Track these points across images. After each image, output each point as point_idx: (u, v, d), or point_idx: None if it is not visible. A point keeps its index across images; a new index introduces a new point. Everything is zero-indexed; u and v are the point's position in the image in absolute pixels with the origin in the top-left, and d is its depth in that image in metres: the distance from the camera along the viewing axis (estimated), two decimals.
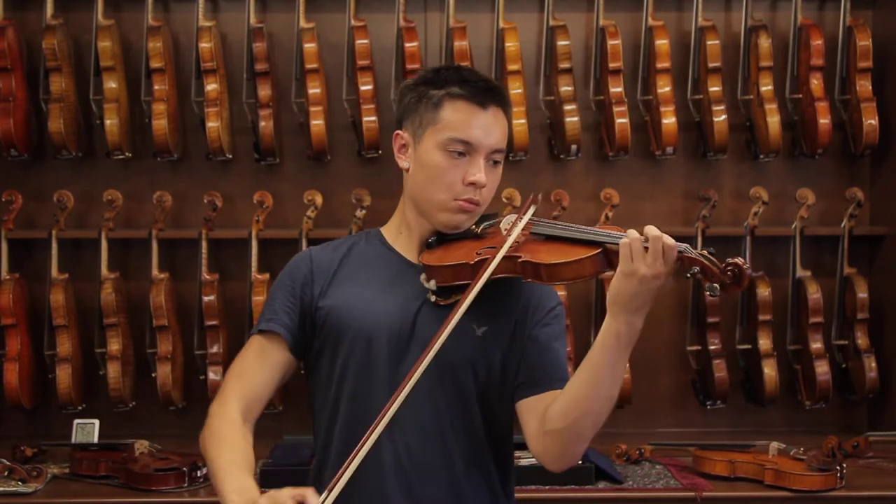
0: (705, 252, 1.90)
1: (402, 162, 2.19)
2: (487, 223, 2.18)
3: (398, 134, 2.19)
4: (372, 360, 2.12)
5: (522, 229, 2.08)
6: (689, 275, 1.90)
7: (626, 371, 3.95)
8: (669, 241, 1.89)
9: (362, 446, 1.94)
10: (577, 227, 2.06)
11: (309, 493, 1.87)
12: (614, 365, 1.97)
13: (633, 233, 1.91)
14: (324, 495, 1.89)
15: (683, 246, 1.91)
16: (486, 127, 2.11)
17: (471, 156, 2.10)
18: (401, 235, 2.22)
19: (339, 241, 2.28)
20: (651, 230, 1.90)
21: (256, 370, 2.18)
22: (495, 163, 2.14)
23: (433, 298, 2.12)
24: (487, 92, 2.13)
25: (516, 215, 2.12)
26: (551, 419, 2.04)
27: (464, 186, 2.10)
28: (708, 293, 1.92)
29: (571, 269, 1.98)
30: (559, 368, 2.13)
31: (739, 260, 1.88)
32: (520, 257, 2.02)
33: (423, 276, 2.12)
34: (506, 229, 2.11)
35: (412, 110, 2.16)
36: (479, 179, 2.09)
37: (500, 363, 2.14)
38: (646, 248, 1.89)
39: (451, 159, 2.10)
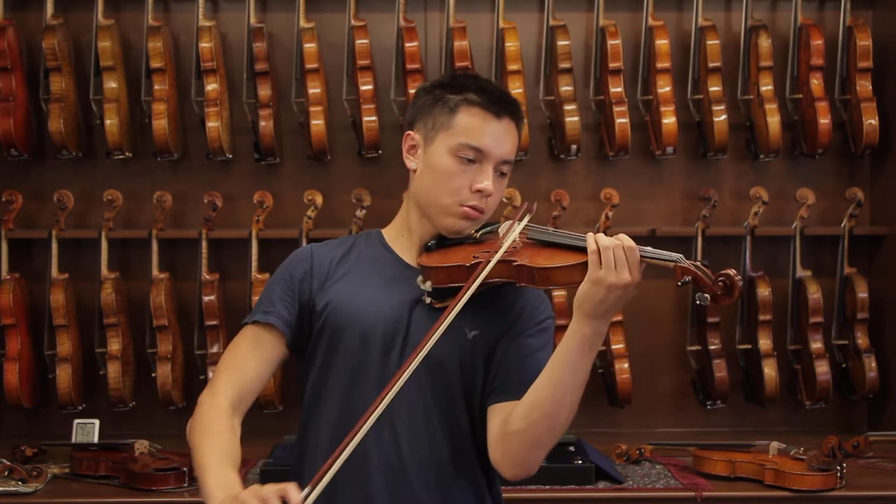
0: (699, 263, 1.90)
1: (411, 163, 2.19)
2: (486, 229, 2.18)
3: (409, 134, 2.20)
4: (364, 358, 2.13)
5: (519, 236, 2.09)
6: (680, 283, 1.89)
7: (629, 372, 4.01)
8: (630, 244, 1.90)
9: (349, 443, 1.91)
10: (572, 234, 2.05)
11: (291, 488, 1.82)
12: (577, 368, 1.96)
13: (602, 239, 1.91)
14: (307, 490, 1.87)
15: (677, 256, 1.90)
16: (499, 136, 2.14)
17: (480, 163, 2.12)
18: (401, 238, 2.23)
19: (340, 239, 2.30)
20: (621, 238, 1.91)
21: (249, 362, 2.18)
22: (503, 174, 2.16)
23: (428, 300, 2.13)
24: (504, 103, 2.15)
25: (512, 221, 2.12)
26: (512, 420, 2.04)
27: (470, 193, 2.12)
28: (698, 301, 1.90)
29: (564, 274, 1.98)
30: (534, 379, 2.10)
31: (731, 271, 1.88)
32: (515, 261, 2.03)
33: (419, 278, 2.13)
34: (503, 234, 2.12)
35: (426, 112, 2.17)
36: (486, 187, 2.12)
37: (484, 368, 2.14)
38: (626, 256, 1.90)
39: (461, 165, 2.12)
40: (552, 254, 2.03)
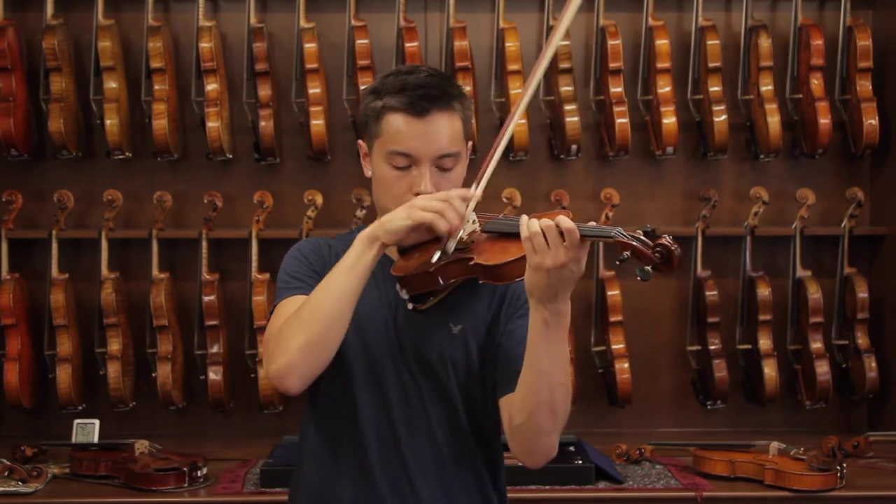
0: (639, 232, 1.83)
1: (366, 170, 2.20)
2: None
3: (359, 143, 2.21)
4: (357, 359, 2.13)
5: (478, 226, 2.06)
6: (618, 261, 1.84)
7: (629, 372, 4.01)
8: (568, 224, 1.84)
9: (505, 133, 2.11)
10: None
11: (461, 189, 2.03)
12: (550, 352, 1.94)
13: (531, 224, 1.87)
14: (473, 186, 2.04)
15: (616, 231, 1.85)
16: (426, 135, 2.08)
17: (416, 166, 2.09)
18: None
19: (338, 237, 2.29)
20: (558, 220, 1.86)
21: None
22: (445, 169, 2.10)
23: (410, 307, 2.12)
24: (424, 99, 2.07)
25: (475, 214, 2.09)
26: (514, 415, 2.04)
27: (412, 197, 2.08)
28: (639, 277, 1.81)
29: (515, 268, 1.94)
30: None
31: (666, 240, 1.80)
32: (471, 259, 2.00)
33: (397, 286, 2.12)
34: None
35: (364, 121, 2.17)
36: (423, 191, 2.08)
37: (478, 360, 2.14)
38: (562, 237, 1.85)
39: (396, 171, 2.10)
40: (505, 246, 1.99)
